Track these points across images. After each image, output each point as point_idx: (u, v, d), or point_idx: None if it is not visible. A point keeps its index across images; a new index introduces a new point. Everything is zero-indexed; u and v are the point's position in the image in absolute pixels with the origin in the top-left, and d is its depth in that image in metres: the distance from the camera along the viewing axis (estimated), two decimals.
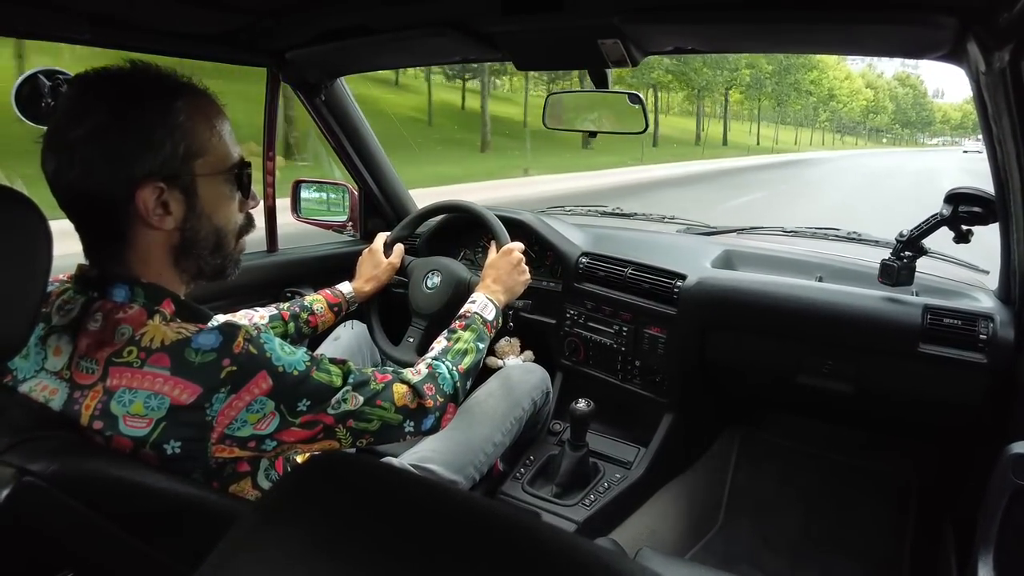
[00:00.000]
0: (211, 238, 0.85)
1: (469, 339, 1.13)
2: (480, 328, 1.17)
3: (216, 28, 1.32)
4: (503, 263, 1.35)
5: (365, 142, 1.91)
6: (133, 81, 0.78)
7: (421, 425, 0.95)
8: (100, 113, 0.74)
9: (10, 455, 0.65)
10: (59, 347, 0.77)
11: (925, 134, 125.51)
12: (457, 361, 1.07)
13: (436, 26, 1.19)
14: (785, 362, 1.48)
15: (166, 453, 0.72)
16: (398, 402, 0.91)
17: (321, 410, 0.81)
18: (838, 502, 1.72)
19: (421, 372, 0.99)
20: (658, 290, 1.58)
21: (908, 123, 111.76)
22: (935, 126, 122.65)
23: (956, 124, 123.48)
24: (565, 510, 1.51)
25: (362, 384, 0.87)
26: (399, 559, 0.32)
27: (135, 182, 0.75)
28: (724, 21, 1.01)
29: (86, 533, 0.68)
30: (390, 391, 0.91)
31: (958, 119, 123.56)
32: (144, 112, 0.76)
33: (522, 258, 1.38)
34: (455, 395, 1.02)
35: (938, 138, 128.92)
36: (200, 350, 0.73)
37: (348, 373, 0.86)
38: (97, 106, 0.74)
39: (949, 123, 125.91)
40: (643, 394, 1.68)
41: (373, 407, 0.87)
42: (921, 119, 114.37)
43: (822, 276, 1.54)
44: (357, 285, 1.50)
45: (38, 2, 1.05)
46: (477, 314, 1.20)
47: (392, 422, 0.90)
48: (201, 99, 0.82)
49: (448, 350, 1.09)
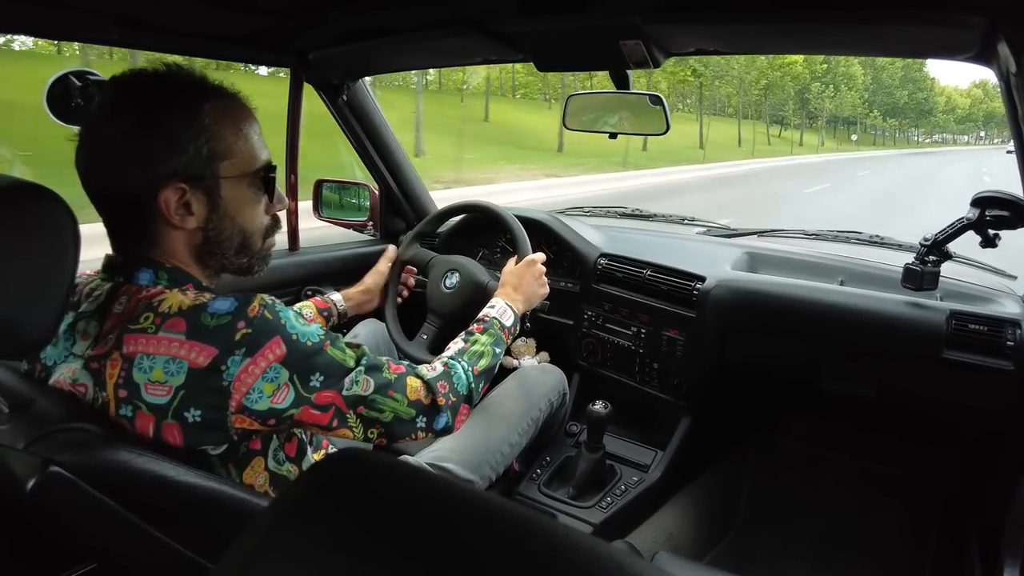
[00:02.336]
0: (236, 238, 0.87)
1: (486, 342, 1.12)
2: (498, 333, 1.17)
3: (241, 29, 1.34)
4: (525, 272, 1.35)
5: (386, 142, 1.92)
6: (164, 84, 0.80)
7: (434, 423, 0.95)
8: (130, 114, 0.77)
9: (37, 446, 0.67)
10: (87, 332, 0.80)
11: (920, 129, 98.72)
12: (473, 362, 1.07)
13: (456, 26, 1.19)
14: (805, 366, 1.46)
15: (187, 422, 0.74)
16: (411, 396, 0.91)
17: (334, 389, 0.81)
18: (859, 508, 1.69)
19: (436, 369, 0.99)
20: (677, 292, 1.57)
21: (895, 111, 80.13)
22: (935, 117, 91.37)
23: (962, 115, 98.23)
24: (581, 512, 1.50)
25: (375, 368, 0.87)
26: (416, 557, 0.33)
27: (159, 182, 0.78)
28: (748, 22, 0.99)
29: (109, 524, 0.70)
30: (403, 383, 0.91)
31: (965, 108, 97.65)
32: (171, 114, 0.78)
33: (544, 269, 1.37)
34: (469, 396, 1.02)
35: (937, 135, 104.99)
36: (215, 313, 0.75)
37: (362, 356, 0.87)
38: (128, 107, 0.78)
39: (954, 113, 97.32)
40: (661, 397, 1.67)
41: (385, 396, 0.87)
42: (916, 105, 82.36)
43: (844, 280, 1.52)
44: (347, 292, 1.48)
45: (68, 5, 1.08)
46: (496, 319, 1.20)
47: (404, 416, 0.91)
48: (229, 102, 0.84)
49: (464, 351, 1.09)
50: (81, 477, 0.66)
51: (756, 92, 44.12)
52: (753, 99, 46.64)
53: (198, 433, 0.75)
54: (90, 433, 0.71)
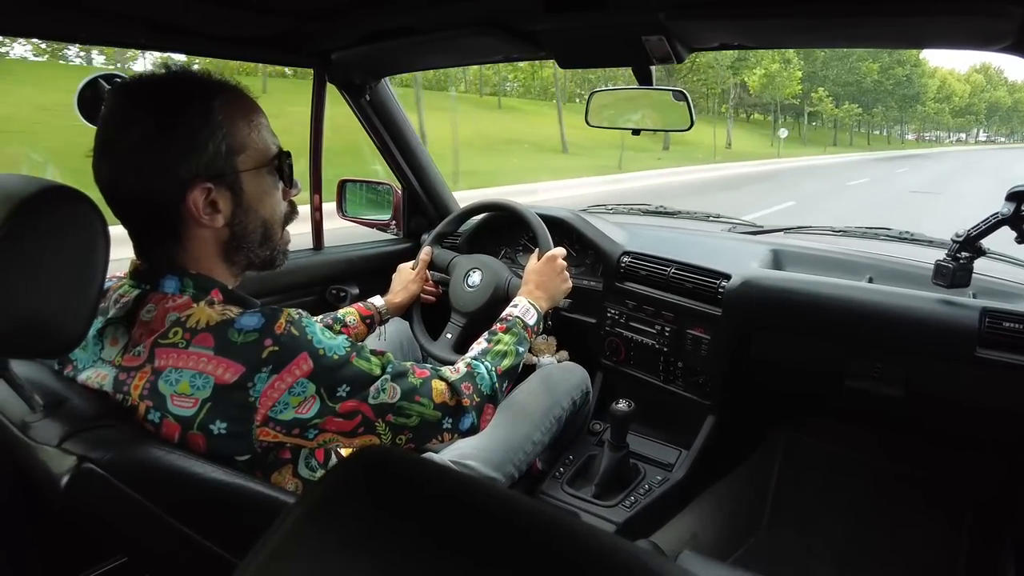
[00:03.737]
0: (259, 230, 0.87)
1: (509, 342, 1.12)
2: (520, 332, 1.16)
3: (265, 31, 1.35)
4: (546, 269, 1.35)
5: (408, 142, 1.93)
6: (172, 86, 0.80)
7: (459, 424, 0.95)
8: (145, 121, 0.77)
9: (70, 443, 0.68)
10: (115, 338, 0.81)
11: (908, 125, 74.32)
12: (496, 362, 1.06)
13: (479, 25, 1.19)
14: (832, 365, 1.43)
15: (212, 434, 0.74)
16: (436, 399, 0.91)
17: (361, 398, 0.81)
18: (888, 511, 1.66)
19: (460, 370, 0.99)
20: (702, 290, 1.55)
21: (861, 95, 51.41)
22: (924, 106, 60.70)
23: (960, 106, 72.50)
24: (605, 511, 1.50)
25: (400, 375, 0.87)
26: (441, 555, 0.33)
27: (184, 185, 0.78)
28: (774, 16, 0.97)
29: (138, 519, 0.71)
30: (428, 387, 0.91)
31: (964, 96, 72.17)
32: (186, 116, 0.78)
33: (565, 265, 1.37)
34: (493, 396, 1.01)
35: (931, 132, 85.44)
36: (243, 330, 0.75)
37: (387, 364, 0.87)
38: (141, 115, 0.77)
39: (950, 103, 69.12)
40: (685, 396, 1.66)
41: (412, 402, 0.87)
42: (893, 87, 53.08)
43: (872, 277, 1.50)
44: (389, 297, 1.53)
45: (99, 10, 1.10)
46: (519, 318, 1.20)
47: (431, 419, 0.91)
48: (236, 96, 0.84)
49: (487, 351, 1.09)
50: (112, 474, 0.67)
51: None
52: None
53: (223, 443, 0.75)
54: (120, 431, 0.72)
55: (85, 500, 0.68)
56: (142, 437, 0.73)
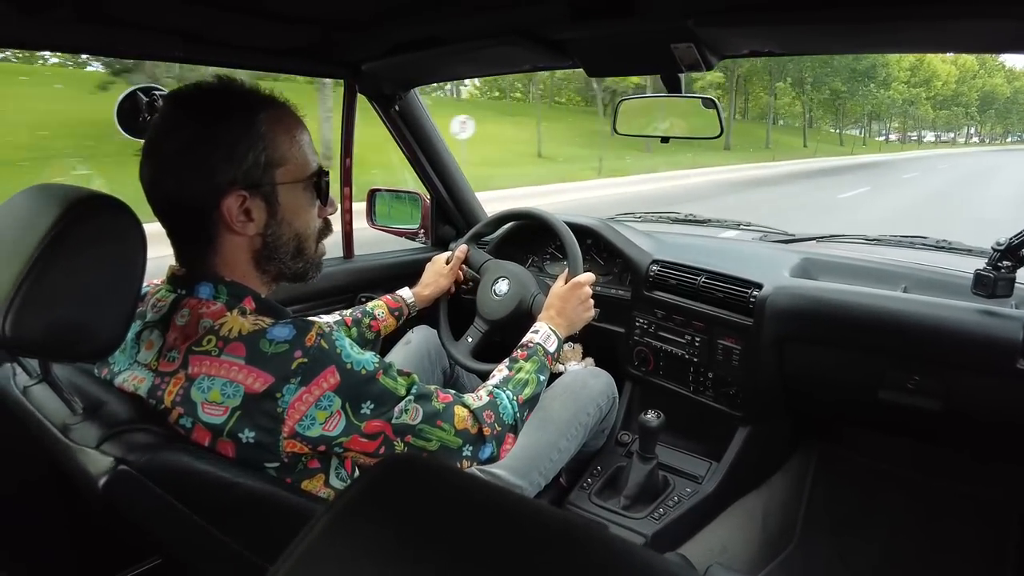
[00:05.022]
0: (292, 243, 0.89)
1: (530, 370, 1.12)
2: (542, 360, 1.16)
3: (297, 42, 1.38)
4: (571, 296, 1.33)
5: (437, 151, 1.94)
6: (219, 96, 0.83)
7: (479, 452, 0.95)
8: (189, 127, 0.80)
9: (108, 445, 0.70)
10: (151, 341, 0.83)
11: (886, 124, 60.12)
12: (518, 391, 1.06)
13: (506, 35, 1.20)
14: (866, 376, 1.40)
15: (241, 442, 0.76)
16: (458, 425, 0.91)
17: (384, 417, 0.82)
18: (926, 526, 1.61)
19: (482, 399, 0.99)
20: (733, 299, 1.53)
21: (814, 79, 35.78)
22: (889, 91, 42.28)
23: (945, 95, 54.39)
24: (633, 523, 1.48)
25: (423, 397, 0.88)
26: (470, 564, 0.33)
27: (220, 190, 0.80)
28: (805, 22, 0.96)
29: (171, 521, 0.72)
30: (451, 412, 0.91)
31: (950, 81, 53.15)
32: (229, 125, 0.81)
33: (590, 292, 1.36)
34: (514, 426, 1.01)
35: (891, 134, 65.08)
36: (274, 341, 0.76)
37: (412, 385, 0.88)
38: (187, 121, 0.80)
39: (929, 89, 50.05)
40: (716, 407, 1.63)
41: (433, 427, 0.88)
42: (852, 64, 35.57)
43: (907, 286, 1.46)
44: (417, 290, 1.56)
45: (137, 24, 1.14)
46: (540, 344, 1.19)
47: (451, 445, 0.91)
48: (281, 111, 0.86)
49: (509, 379, 1.09)
50: (147, 476, 0.69)
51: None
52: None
53: (252, 451, 0.76)
54: (155, 434, 0.74)
55: (122, 501, 0.70)
56: (176, 441, 0.75)
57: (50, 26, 1.04)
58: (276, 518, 0.77)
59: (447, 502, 0.37)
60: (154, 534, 0.81)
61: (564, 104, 35.40)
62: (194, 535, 0.74)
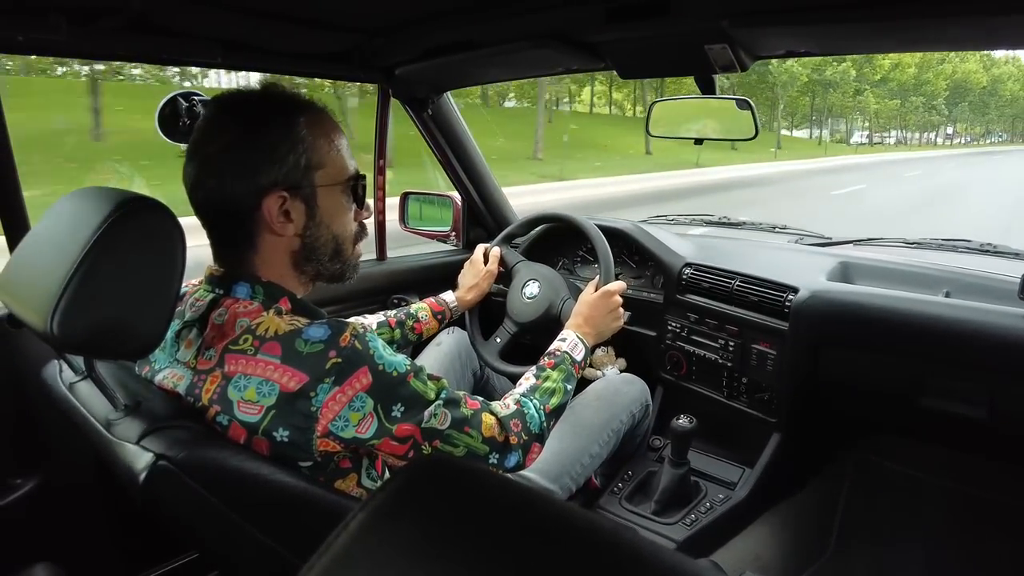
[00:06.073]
0: (330, 244, 0.91)
1: (558, 379, 1.11)
2: (569, 369, 1.15)
3: (332, 48, 1.41)
4: (600, 304, 1.33)
5: (469, 154, 1.95)
6: (261, 101, 0.85)
7: (505, 460, 0.95)
8: (232, 130, 0.82)
9: (148, 441, 0.72)
10: (190, 340, 0.85)
11: (851, 123, 50.61)
12: (545, 400, 1.06)
13: (540, 38, 1.20)
14: (906, 383, 1.36)
15: (275, 440, 0.77)
16: (485, 432, 0.91)
17: (414, 421, 0.82)
18: (968, 540, 1.56)
19: (509, 407, 0.99)
20: (768, 303, 1.51)
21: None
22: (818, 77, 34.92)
23: (902, 83, 44.64)
24: (664, 528, 1.47)
25: (452, 403, 0.88)
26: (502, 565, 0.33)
27: (261, 191, 0.82)
28: (844, 21, 0.93)
29: (208, 516, 0.74)
30: (479, 419, 0.91)
31: (911, 65, 43.05)
32: (270, 128, 0.83)
33: (620, 302, 1.35)
34: (541, 435, 1.01)
35: (860, 135, 54.13)
36: (309, 340, 0.78)
37: (441, 390, 0.88)
38: (230, 124, 0.83)
39: (877, 71, 40.41)
40: (750, 413, 1.61)
41: (461, 432, 0.88)
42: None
43: (950, 291, 1.42)
44: (459, 294, 1.58)
45: (180, 33, 1.17)
46: (567, 353, 1.18)
47: (478, 452, 0.91)
48: (321, 116, 0.88)
49: (536, 388, 1.08)
50: (185, 471, 0.71)
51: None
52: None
53: (286, 450, 0.78)
54: (193, 431, 0.76)
55: (160, 495, 0.72)
56: (213, 437, 0.77)
57: (98, 36, 1.08)
58: (310, 516, 0.78)
59: (478, 503, 0.37)
60: (191, 528, 0.83)
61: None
62: (229, 530, 0.75)
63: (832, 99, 39.66)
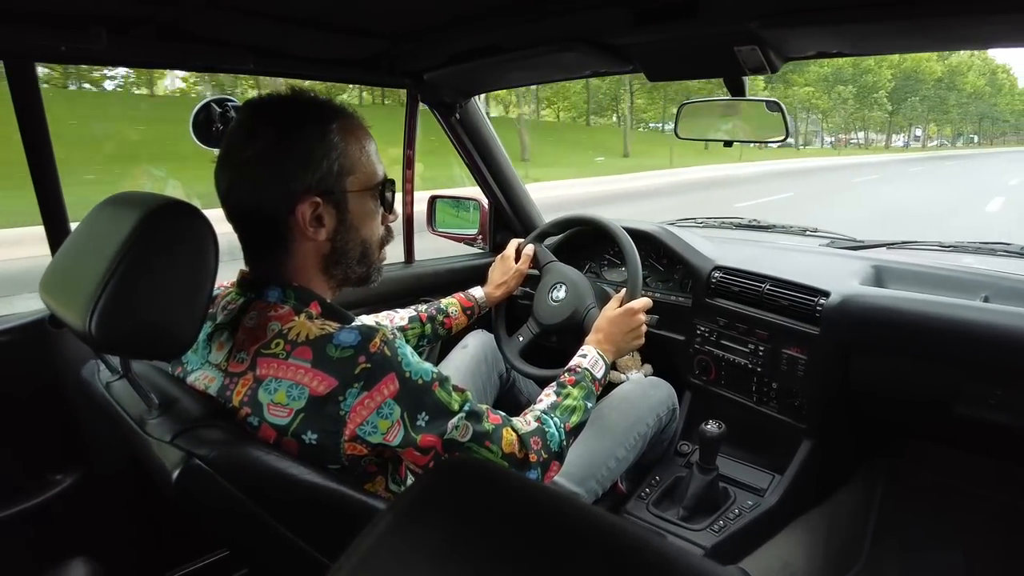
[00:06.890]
0: (358, 248, 0.92)
1: (578, 396, 1.10)
2: (589, 386, 1.14)
3: (361, 53, 1.42)
4: (622, 322, 1.31)
5: (496, 158, 1.96)
6: (294, 106, 0.86)
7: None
8: (266, 136, 0.83)
9: (181, 440, 0.74)
10: (221, 343, 0.87)
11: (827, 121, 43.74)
12: (565, 418, 1.05)
13: (567, 41, 1.20)
14: (941, 390, 1.33)
15: (304, 443, 0.78)
16: (505, 448, 0.90)
17: (437, 432, 0.83)
18: (1005, 548, 1.51)
19: (530, 424, 0.98)
20: (798, 307, 1.48)
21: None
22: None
23: (851, 72, 39.86)
24: (692, 534, 1.45)
25: (475, 416, 0.88)
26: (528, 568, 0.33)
27: (295, 197, 0.83)
28: (877, 20, 0.91)
29: (238, 515, 0.75)
30: (499, 434, 0.90)
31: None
32: (304, 134, 0.84)
33: (643, 320, 1.33)
34: (560, 453, 1.00)
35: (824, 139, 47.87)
36: (340, 346, 0.78)
37: (465, 402, 0.88)
38: (264, 130, 0.83)
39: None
40: (780, 418, 1.58)
41: (481, 446, 0.88)
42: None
43: (988, 296, 1.38)
44: (488, 290, 1.59)
45: (213, 40, 1.20)
46: (587, 370, 1.17)
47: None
48: (352, 122, 0.89)
49: (557, 406, 1.07)
50: (216, 470, 0.72)
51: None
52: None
53: (314, 452, 0.79)
54: (224, 431, 0.77)
55: (192, 493, 0.74)
56: (244, 438, 0.78)
57: (135, 45, 1.11)
58: (338, 517, 0.79)
59: (503, 505, 0.37)
60: (222, 526, 0.85)
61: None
62: (259, 529, 0.77)
63: (777, 94, 33.23)
